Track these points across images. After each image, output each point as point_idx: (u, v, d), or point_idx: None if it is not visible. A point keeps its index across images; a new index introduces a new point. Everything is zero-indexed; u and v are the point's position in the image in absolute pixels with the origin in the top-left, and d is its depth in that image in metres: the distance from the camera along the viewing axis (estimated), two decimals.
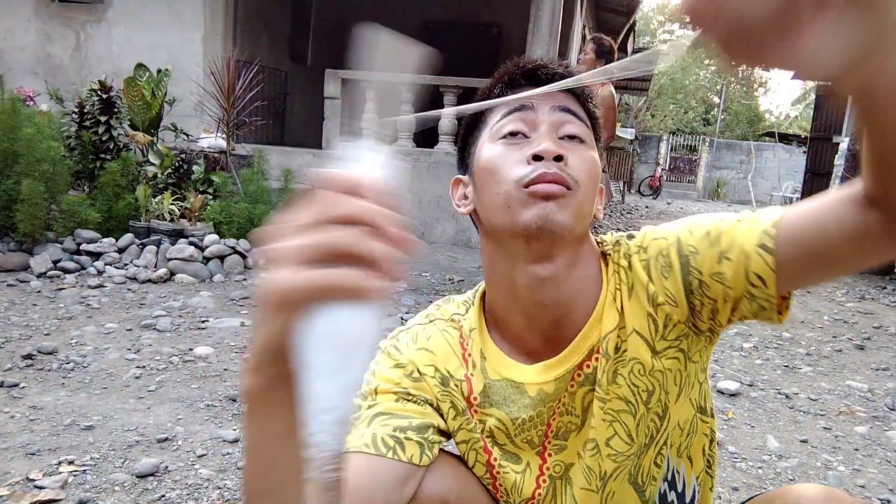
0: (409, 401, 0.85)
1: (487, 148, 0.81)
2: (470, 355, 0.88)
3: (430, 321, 0.92)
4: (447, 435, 0.90)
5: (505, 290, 0.84)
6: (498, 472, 0.89)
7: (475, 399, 0.87)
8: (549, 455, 0.88)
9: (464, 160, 0.88)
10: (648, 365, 0.81)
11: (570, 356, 0.83)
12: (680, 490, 0.90)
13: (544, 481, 0.88)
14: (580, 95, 0.84)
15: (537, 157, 0.76)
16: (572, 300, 0.82)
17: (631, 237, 0.85)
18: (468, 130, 0.88)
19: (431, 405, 0.87)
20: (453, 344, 0.89)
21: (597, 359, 0.83)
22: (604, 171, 0.99)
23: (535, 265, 0.79)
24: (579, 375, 0.84)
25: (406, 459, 0.80)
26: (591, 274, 0.84)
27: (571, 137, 0.80)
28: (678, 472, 0.90)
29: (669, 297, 0.79)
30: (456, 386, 0.88)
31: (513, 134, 0.80)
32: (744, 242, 0.72)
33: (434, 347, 0.89)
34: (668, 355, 0.81)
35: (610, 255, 0.85)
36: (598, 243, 0.87)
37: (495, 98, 0.82)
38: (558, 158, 0.76)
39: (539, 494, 0.88)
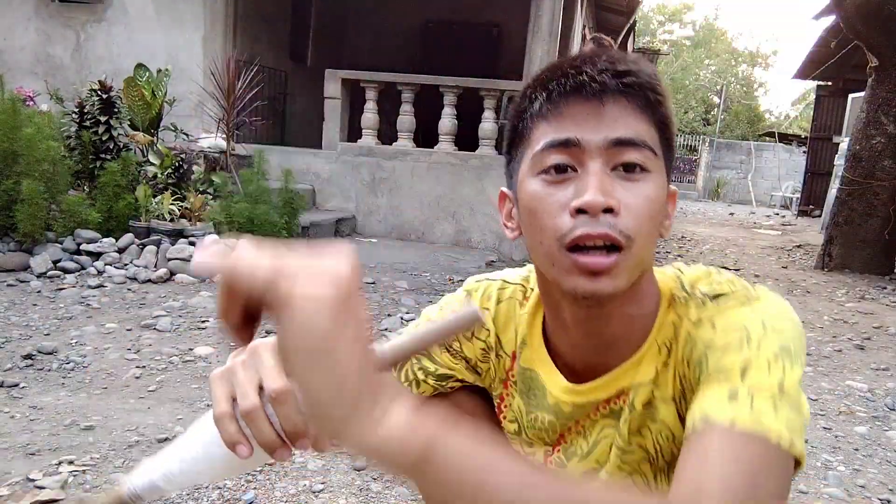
0: (447, 350, 0.90)
1: (528, 182, 0.70)
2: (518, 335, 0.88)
3: (513, 283, 0.90)
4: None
5: (552, 309, 0.80)
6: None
7: (513, 376, 0.88)
8: (551, 464, 0.88)
9: (509, 172, 0.77)
10: (678, 436, 0.73)
11: (597, 390, 0.78)
12: None
13: None
14: (650, 102, 0.68)
15: (582, 210, 0.65)
16: (619, 336, 0.75)
17: (716, 297, 0.70)
18: (511, 138, 0.76)
19: (468, 362, 0.90)
20: (518, 315, 0.87)
21: (624, 401, 0.77)
22: None
23: (583, 311, 0.73)
24: (605, 408, 0.79)
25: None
26: (646, 312, 0.75)
27: (630, 167, 0.67)
28: None
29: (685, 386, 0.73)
30: (498, 358, 0.89)
31: (557, 169, 0.68)
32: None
33: (500, 313, 0.88)
34: None
35: (678, 300, 0.73)
36: (678, 276, 0.75)
37: (534, 112, 0.70)
38: (608, 210, 0.64)
39: None
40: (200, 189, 4.74)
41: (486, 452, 0.47)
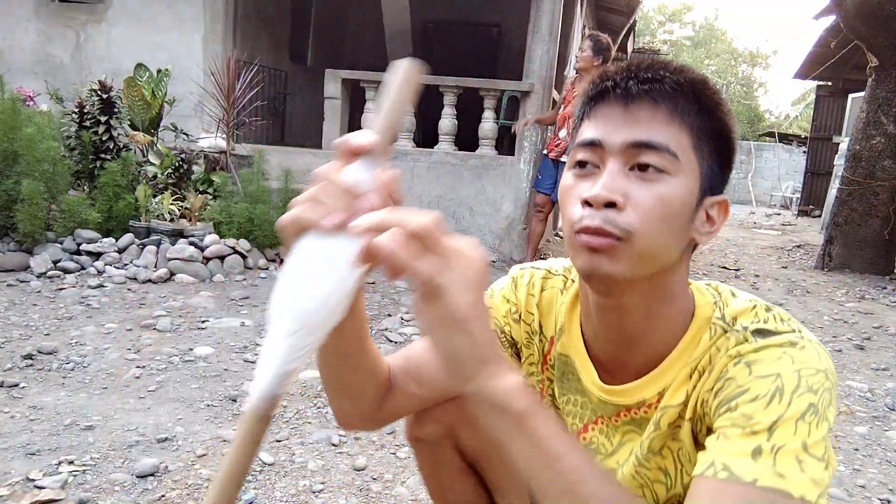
0: (499, 335, 0.94)
1: (566, 175, 0.77)
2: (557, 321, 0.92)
3: (557, 274, 0.94)
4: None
5: (582, 296, 0.84)
6: None
7: (550, 360, 0.92)
8: None
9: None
10: (693, 458, 0.74)
11: (621, 395, 0.81)
12: None
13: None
14: (679, 108, 0.72)
15: (588, 203, 0.71)
16: (639, 335, 0.78)
17: (758, 332, 0.72)
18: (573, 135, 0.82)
19: (515, 346, 0.95)
20: (558, 303, 0.92)
21: (645, 412, 0.79)
22: None
23: (599, 296, 0.77)
24: (626, 415, 0.82)
25: None
26: (672, 316, 0.77)
27: (645, 168, 0.71)
28: None
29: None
30: (540, 341, 0.93)
31: (582, 164, 0.75)
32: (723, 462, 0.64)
33: (543, 300, 0.93)
34: None
35: (716, 328, 0.76)
36: (717, 303, 0.78)
37: (582, 112, 0.77)
38: (610, 205, 0.69)
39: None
40: (200, 189, 4.73)
41: (569, 437, 0.61)
